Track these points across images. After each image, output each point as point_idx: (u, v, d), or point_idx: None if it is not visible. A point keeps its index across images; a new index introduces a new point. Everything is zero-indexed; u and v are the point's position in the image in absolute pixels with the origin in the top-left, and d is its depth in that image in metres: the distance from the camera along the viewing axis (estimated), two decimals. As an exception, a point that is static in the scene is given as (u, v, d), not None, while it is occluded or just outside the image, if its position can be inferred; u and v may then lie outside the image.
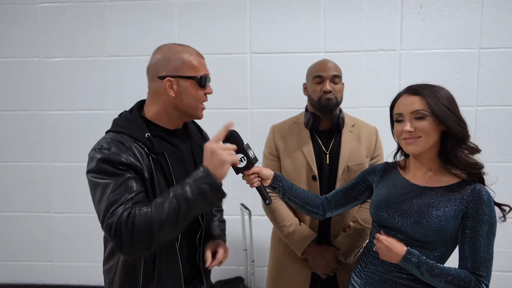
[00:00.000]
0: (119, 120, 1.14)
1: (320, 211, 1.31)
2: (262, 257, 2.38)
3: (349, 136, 1.57)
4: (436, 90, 1.09)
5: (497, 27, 2.15)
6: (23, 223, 2.50)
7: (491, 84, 2.18)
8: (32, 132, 2.43)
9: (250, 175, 1.16)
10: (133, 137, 1.07)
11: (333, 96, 1.51)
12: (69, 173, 2.46)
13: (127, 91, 2.36)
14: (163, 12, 2.31)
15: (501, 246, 2.22)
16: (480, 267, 1.04)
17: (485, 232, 1.04)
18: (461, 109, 1.13)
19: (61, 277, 2.54)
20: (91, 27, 2.34)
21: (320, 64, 1.60)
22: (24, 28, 2.36)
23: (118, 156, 1.02)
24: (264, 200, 1.17)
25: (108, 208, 0.98)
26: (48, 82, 2.39)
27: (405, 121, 1.12)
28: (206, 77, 1.15)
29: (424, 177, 1.15)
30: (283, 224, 1.56)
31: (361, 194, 1.31)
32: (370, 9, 2.21)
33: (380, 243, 1.13)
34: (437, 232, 1.06)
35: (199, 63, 1.14)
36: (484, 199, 1.05)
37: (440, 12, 2.18)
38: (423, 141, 1.09)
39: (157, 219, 0.95)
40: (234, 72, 2.31)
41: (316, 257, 1.52)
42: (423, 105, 1.08)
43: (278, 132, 1.66)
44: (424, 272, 1.05)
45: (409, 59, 2.22)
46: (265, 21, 2.27)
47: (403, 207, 1.13)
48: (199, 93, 1.14)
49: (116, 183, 1.00)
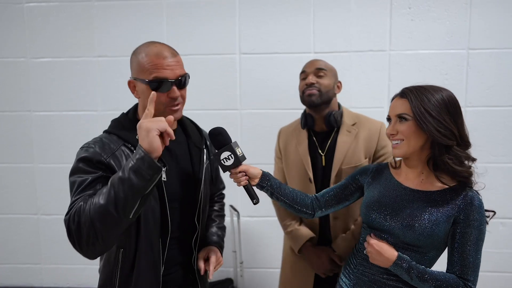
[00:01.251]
0: (114, 122, 1.15)
1: (309, 211, 1.29)
2: (251, 259, 2.38)
3: (346, 136, 1.52)
4: (426, 94, 1.06)
5: (485, 28, 2.15)
6: (10, 225, 2.47)
7: (480, 84, 2.18)
8: (19, 133, 2.41)
9: (237, 173, 1.14)
10: (123, 138, 1.08)
11: (316, 89, 1.48)
12: (57, 175, 2.43)
13: (116, 91, 2.34)
14: (152, 13, 2.29)
15: (491, 247, 2.23)
16: (468, 272, 1.04)
17: (474, 238, 1.04)
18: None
19: (50, 280, 2.51)
20: (79, 28, 2.32)
21: (308, 62, 1.60)
22: (10, 28, 2.33)
23: (98, 155, 1.02)
24: (252, 199, 1.16)
25: (69, 206, 0.97)
26: (35, 82, 2.37)
27: (391, 123, 1.12)
28: (161, 81, 1.04)
29: (417, 180, 1.14)
30: (285, 223, 1.61)
31: (351, 195, 1.29)
32: (359, 10, 2.21)
33: (371, 247, 1.12)
34: (428, 237, 1.06)
35: (152, 65, 1.04)
36: (476, 206, 1.05)
37: (429, 13, 2.18)
38: (405, 145, 1.09)
39: (97, 207, 0.90)
40: (223, 72, 2.30)
41: (310, 256, 1.53)
42: (407, 108, 1.08)
43: (283, 135, 1.68)
44: (414, 278, 1.05)
45: (399, 60, 2.22)
46: (254, 22, 2.26)
47: (395, 209, 1.12)
48: (158, 97, 1.04)
49: (86, 180, 0.99)
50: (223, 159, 1.12)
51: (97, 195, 0.93)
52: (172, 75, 1.06)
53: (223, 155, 1.12)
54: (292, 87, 2.26)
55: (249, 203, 1.13)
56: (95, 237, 0.92)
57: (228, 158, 1.12)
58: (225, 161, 1.12)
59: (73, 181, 1.01)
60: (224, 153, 1.12)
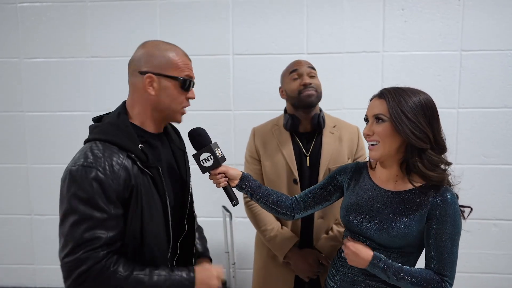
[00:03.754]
0: (107, 127, 1.02)
1: (289, 212, 1.29)
2: (244, 259, 2.38)
3: (330, 137, 1.54)
4: (403, 95, 1.06)
5: (478, 29, 2.15)
6: (3, 226, 2.47)
7: (472, 86, 2.19)
8: (12, 134, 2.40)
9: (216, 174, 1.14)
10: (126, 148, 0.98)
11: (313, 89, 1.49)
12: (50, 175, 2.43)
13: (109, 92, 2.34)
14: (145, 13, 2.28)
15: (484, 248, 2.24)
16: (445, 267, 1.05)
17: (449, 233, 1.05)
18: (443, 111, 1.11)
19: (43, 280, 2.50)
20: (72, 28, 2.31)
21: (295, 61, 1.60)
22: (3, 28, 2.33)
23: (112, 186, 0.94)
24: (231, 201, 1.16)
25: (77, 246, 0.91)
26: (28, 83, 2.36)
27: (368, 124, 1.12)
28: (190, 80, 1.09)
29: (391, 182, 1.15)
30: (265, 228, 1.56)
31: (331, 195, 1.29)
32: (352, 11, 2.21)
33: (347, 249, 1.13)
34: (403, 238, 1.07)
35: (184, 64, 1.08)
36: (448, 201, 1.05)
37: (422, 14, 2.18)
38: (381, 147, 1.09)
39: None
40: (216, 73, 2.30)
41: (297, 261, 1.50)
42: (384, 109, 1.08)
43: (259, 134, 1.64)
44: (390, 276, 1.06)
45: (392, 61, 2.22)
46: (247, 23, 2.26)
47: (370, 212, 1.13)
48: (180, 95, 1.08)
49: (97, 220, 0.92)
50: (202, 160, 1.11)
51: (132, 284, 0.94)
52: (193, 76, 1.12)
53: (202, 156, 1.11)
54: (286, 88, 2.27)
55: (242, 204, 1.14)
56: None
57: (207, 159, 1.11)
58: (204, 162, 1.11)
59: (82, 211, 0.92)
60: (204, 154, 1.11)
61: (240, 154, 2.32)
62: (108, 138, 0.99)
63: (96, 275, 0.91)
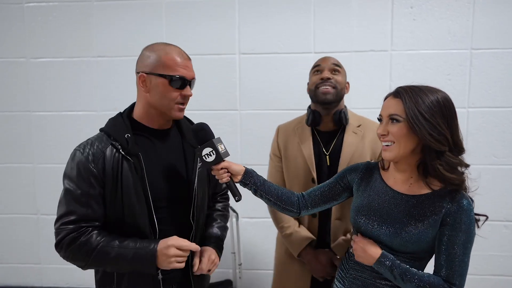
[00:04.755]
0: (109, 120, 1.19)
1: (294, 209, 1.26)
2: (250, 260, 2.36)
3: (352, 137, 1.50)
4: (421, 95, 1.01)
5: (489, 27, 2.11)
6: (10, 225, 2.47)
7: (483, 85, 2.15)
8: (19, 133, 2.40)
9: (219, 169, 1.13)
10: (112, 137, 1.12)
11: (331, 85, 1.45)
12: (56, 175, 2.40)
13: (115, 92, 2.33)
14: (151, 12, 2.27)
15: (495, 250, 2.20)
16: (454, 276, 1.02)
17: (462, 241, 1.01)
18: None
19: (49, 280, 2.51)
20: (78, 28, 2.31)
21: (322, 57, 1.58)
22: (10, 28, 2.33)
23: (88, 165, 1.08)
24: (234, 196, 1.15)
25: (60, 217, 1.08)
26: (35, 82, 2.37)
27: (382, 123, 1.09)
28: (182, 78, 1.12)
29: (405, 185, 1.11)
30: (282, 225, 1.56)
31: (339, 195, 1.25)
32: (360, 9, 2.18)
33: (356, 244, 1.11)
34: (416, 244, 1.04)
35: (176, 63, 1.12)
36: (464, 208, 1.01)
37: (431, 12, 2.14)
38: (396, 147, 1.05)
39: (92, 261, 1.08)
40: (222, 73, 2.28)
41: (311, 260, 1.50)
42: (400, 109, 1.03)
43: (283, 132, 1.63)
44: (396, 276, 1.03)
45: (400, 60, 2.19)
46: (254, 21, 2.24)
47: (382, 216, 1.09)
48: (171, 92, 1.12)
49: (75, 193, 1.07)
50: (205, 155, 1.12)
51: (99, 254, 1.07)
52: (188, 76, 1.15)
53: (205, 151, 1.12)
54: (292, 87, 2.25)
55: (249, 204, 1.13)
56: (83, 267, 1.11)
57: (209, 154, 1.11)
58: (206, 157, 1.11)
59: (65, 187, 1.10)
60: (206, 149, 1.11)
61: (246, 153, 2.31)
62: (104, 129, 1.17)
63: (67, 245, 1.06)
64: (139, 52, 1.17)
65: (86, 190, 1.07)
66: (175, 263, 1.08)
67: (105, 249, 1.06)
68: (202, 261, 1.19)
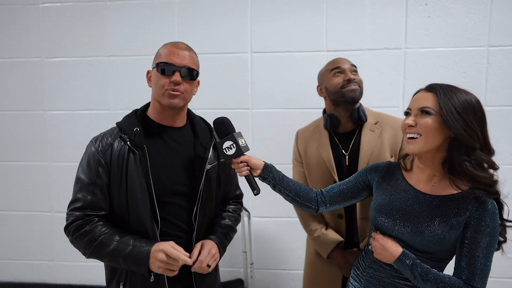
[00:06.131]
0: (125, 116, 1.25)
1: (313, 205, 1.26)
2: (262, 259, 2.35)
3: (370, 135, 1.49)
4: (455, 92, 1.02)
5: (507, 24, 2.06)
6: (24, 222, 2.51)
7: (500, 83, 2.10)
8: (34, 132, 2.44)
9: (239, 163, 1.15)
10: (122, 129, 1.18)
11: (356, 84, 1.47)
12: (70, 173, 2.43)
13: (128, 90, 2.35)
14: (163, 11, 2.29)
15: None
16: (476, 279, 0.99)
17: (485, 244, 0.99)
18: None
19: (63, 277, 2.54)
20: (91, 27, 2.34)
21: (336, 59, 1.56)
22: (26, 28, 2.37)
23: (97, 155, 1.14)
24: (252, 190, 1.16)
25: (70, 204, 1.15)
26: (49, 82, 2.40)
27: (411, 115, 1.07)
28: (166, 64, 1.15)
29: (428, 184, 1.09)
30: (310, 228, 1.58)
31: (358, 194, 1.25)
32: (373, 7, 2.15)
33: (376, 242, 1.10)
34: (438, 243, 1.01)
35: (165, 52, 1.17)
36: (489, 211, 0.99)
37: (447, 9, 2.10)
38: (423, 140, 1.03)
39: (92, 250, 1.12)
40: (234, 71, 2.28)
41: (340, 261, 1.50)
42: (433, 102, 1.02)
43: (302, 137, 1.64)
44: (417, 276, 1.01)
45: (414, 58, 2.15)
46: (266, 20, 2.23)
47: (405, 215, 1.07)
48: (160, 79, 1.16)
49: (84, 182, 1.14)
50: (225, 148, 1.14)
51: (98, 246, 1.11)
52: (176, 62, 1.16)
53: (225, 145, 1.14)
54: (304, 86, 2.23)
55: (261, 203, 1.12)
56: (84, 255, 1.17)
57: (230, 148, 1.13)
58: (227, 150, 1.14)
59: (76, 176, 1.17)
60: (226, 143, 1.14)
61: (258, 152, 2.29)
62: (119, 123, 1.23)
63: (74, 231, 1.13)
64: (151, 51, 1.21)
65: (93, 179, 1.13)
66: (163, 270, 1.08)
67: (105, 241, 1.10)
68: (201, 253, 1.17)
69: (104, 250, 1.10)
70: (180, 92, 1.16)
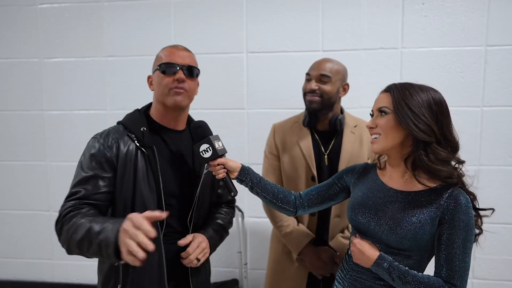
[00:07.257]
0: (126, 115, 1.26)
1: (291, 208, 1.26)
2: (257, 259, 2.35)
3: (350, 137, 1.52)
4: (409, 89, 1.03)
5: (505, 23, 2.03)
6: (23, 221, 2.54)
7: (498, 83, 2.07)
8: (32, 132, 2.47)
9: (215, 165, 1.16)
10: (128, 128, 1.18)
11: (317, 95, 1.47)
12: (68, 172, 2.45)
13: (125, 91, 2.36)
14: (160, 12, 2.29)
15: (510, 253, 2.11)
16: (455, 276, 0.99)
17: (461, 240, 0.99)
18: (465, 109, 1.05)
19: (61, 275, 2.56)
20: (89, 28, 2.35)
21: (315, 62, 1.57)
22: (24, 29, 2.40)
23: (104, 150, 1.12)
24: (230, 192, 1.18)
25: (66, 198, 1.11)
26: (48, 82, 2.42)
27: (373, 117, 1.10)
28: (169, 63, 1.17)
29: (400, 181, 1.10)
30: (281, 224, 1.55)
31: (336, 195, 1.26)
32: (369, 6, 2.14)
33: (354, 246, 1.10)
34: (412, 240, 1.01)
35: (166, 54, 1.20)
36: (462, 205, 0.99)
37: (444, 8, 2.08)
38: (383, 139, 1.06)
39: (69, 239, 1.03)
40: (230, 71, 2.28)
41: (312, 258, 1.50)
42: (388, 102, 1.05)
43: (279, 130, 1.64)
44: (395, 278, 1.01)
45: (411, 58, 2.14)
46: (261, 20, 2.23)
47: (378, 213, 1.08)
48: (164, 79, 1.17)
49: (84, 175, 1.10)
50: (202, 151, 1.16)
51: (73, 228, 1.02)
52: (178, 61, 1.18)
53: (202, 148, 1.16)
54: (300, 86, 2.21)
55: (255, 204, 1.13)
56: (68, 249, 1.07)
57: (206, 151, 1.15)
58: (203, 153, 1.16)
59: (77, 171, 1.13)
60: (203, 146, 1.16)
61: (253, 153, 2.30)
62: (122, 121, 1.23)
63: (61, 218, 1.07)
64: (149, 51, 1.25)
65: (94, 173, 1.10)
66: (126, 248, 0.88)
67: (83, 223, 1.00)
68: (190, 244, 1.17)
69: (78, 229, 1.00)
70: (184, 90, 1.18)
